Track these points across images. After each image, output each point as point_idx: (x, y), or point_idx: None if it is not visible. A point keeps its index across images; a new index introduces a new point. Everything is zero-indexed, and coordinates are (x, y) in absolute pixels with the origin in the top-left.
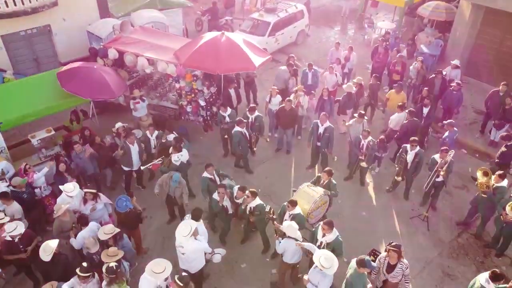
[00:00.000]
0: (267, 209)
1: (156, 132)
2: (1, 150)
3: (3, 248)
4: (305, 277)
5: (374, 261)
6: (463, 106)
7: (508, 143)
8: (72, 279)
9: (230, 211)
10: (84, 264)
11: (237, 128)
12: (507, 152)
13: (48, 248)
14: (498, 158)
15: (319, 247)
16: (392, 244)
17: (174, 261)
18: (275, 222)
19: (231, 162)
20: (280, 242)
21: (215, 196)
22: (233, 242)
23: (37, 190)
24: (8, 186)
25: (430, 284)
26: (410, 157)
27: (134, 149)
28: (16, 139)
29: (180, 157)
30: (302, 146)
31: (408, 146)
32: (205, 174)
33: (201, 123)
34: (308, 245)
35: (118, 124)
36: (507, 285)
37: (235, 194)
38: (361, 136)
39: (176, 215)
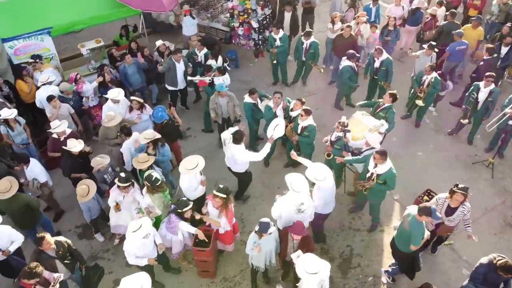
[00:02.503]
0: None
1: (204, 50)
2: (52, 57)
3: (49, 145)
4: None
5: (428, 201)
6: None
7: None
8: (111, 192)
9: None
10: (123, 174)
11: (347, 63)
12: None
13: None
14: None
15: (369, 178)
16: (459, 186)
17: (215, 180)
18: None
19: (280, 90)
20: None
21: (270, 103)
22: (275, 168)
23: (84, 100)
24: None
25: (488, 232)
26: (482, 95)
27: (180, 67)
28: (68, 53)
29: (225, 80)
30: (359, 80)
31: (482, 83)
32: (248, 100)
33: (252, 48)
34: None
35: (159, 42)
36: None
37: (291, 106)
38: (423, 71)
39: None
